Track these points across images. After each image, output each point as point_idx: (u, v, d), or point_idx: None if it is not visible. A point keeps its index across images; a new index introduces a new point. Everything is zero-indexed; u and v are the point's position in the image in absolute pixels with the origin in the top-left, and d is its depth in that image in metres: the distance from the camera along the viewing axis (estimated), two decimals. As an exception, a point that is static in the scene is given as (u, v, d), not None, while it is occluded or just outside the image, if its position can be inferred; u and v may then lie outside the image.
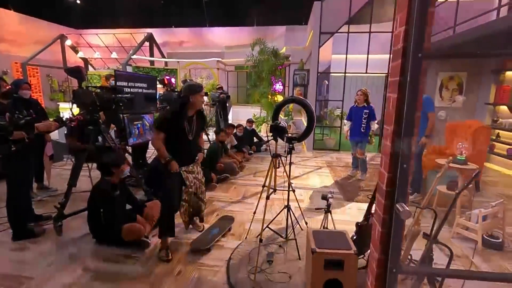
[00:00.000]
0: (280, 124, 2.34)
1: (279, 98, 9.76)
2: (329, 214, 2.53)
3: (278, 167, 2.50)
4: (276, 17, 13.15)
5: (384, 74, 6.96)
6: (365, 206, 3.70)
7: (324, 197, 2.48)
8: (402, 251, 2.20)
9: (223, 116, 7.32)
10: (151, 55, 12.69)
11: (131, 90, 3.85)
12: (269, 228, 2.84)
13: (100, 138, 3.13)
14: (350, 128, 4.87)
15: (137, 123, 4.05)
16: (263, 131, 9.00)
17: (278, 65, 9.49)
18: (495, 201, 2.93)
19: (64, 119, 2.89)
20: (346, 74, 6.81)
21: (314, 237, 2.00)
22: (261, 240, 2.40)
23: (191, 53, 13.40)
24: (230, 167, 4.86)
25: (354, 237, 2.31)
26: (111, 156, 2.71)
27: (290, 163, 2.66)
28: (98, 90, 3.01)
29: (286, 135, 2.36)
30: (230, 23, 14.39)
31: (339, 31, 6.72)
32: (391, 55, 1.33)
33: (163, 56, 13.36)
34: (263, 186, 2.64)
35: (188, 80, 5.56)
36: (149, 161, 4.49)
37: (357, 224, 2.33)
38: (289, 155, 2.62)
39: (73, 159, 4.14)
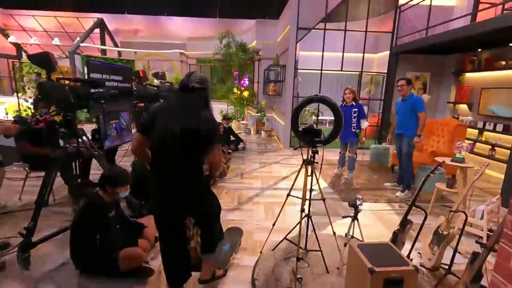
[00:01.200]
0: (315, 127, 2.09)
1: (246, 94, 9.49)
2: (356, 221, 2.38)
3: (310, 175, 2.24)
4: (240, 10, 12.77)
5: (358, 72, 7.13)
6: (366, 206, 3.68)
7: (353, 205, 2.31)
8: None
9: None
10: (103, 43, 11.34)
11: (107, 84, 3.23)
12: (287, 240, 2.60)
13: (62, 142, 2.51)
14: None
15: (113, 122, 3.44)
16: (234, 129, 8.66)
17: (248, 60, 9.18)
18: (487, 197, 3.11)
19: (28, 120, 2.25)
20: (317, 71, 6.83)
21: (363, 252, 1.81)
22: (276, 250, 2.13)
23: (149, 43, 12.31)
24: (221, 170, 4.47)
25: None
26: (121, 175, 2.18)
27: (313, 164, 2.43)
28: (72, 83, 2.40)
29: (320, 138, 2.11)
30: (190, 13, 13.57)
31: (316, 27, 6.67)
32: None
33: (116, 45, 12.06)
34: (288, 195, 2.38)
35: (160, 73, 4.95)
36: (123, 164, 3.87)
37: (394, 232, 2.20)
38: (313, 159, 2.39)
39: (27, 168, 3.36)
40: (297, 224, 2.58)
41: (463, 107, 6.26)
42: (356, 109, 4.62)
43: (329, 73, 6.92)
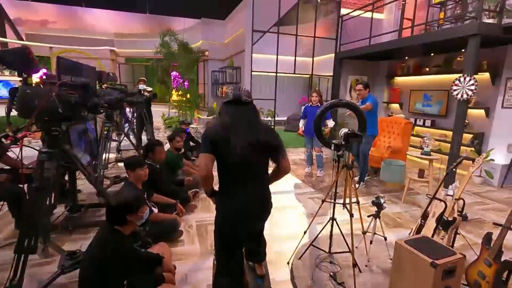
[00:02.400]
0: (356, 131, 2.11)
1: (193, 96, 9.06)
2: (378, 219, 2.51)
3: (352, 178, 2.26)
4: (174, 7, 12.05)
5: (308, 75, 7.57)
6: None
7: (378, 203, 2.43)
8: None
9: (149, 118, 6.18)
10: (3, 35, 9.14)
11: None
12: (313, 246, 2.57)
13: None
14: (305, 126, 5.08)
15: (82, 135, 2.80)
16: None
17: (195, 60, 8.75)
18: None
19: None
20: (272, 74, 7.01)
21: (417, 248, 1.93)
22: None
23: (66, 38, 10.53)
24: (198, 180, 4.11)
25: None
26: (136, 194, 1.75)
27: (351, 169, 2.47)
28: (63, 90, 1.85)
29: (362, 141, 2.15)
30: (115, 5, 12.13)
31: (270, 31, 6.79)
32: None
33: (20, 38, 9.92)
34: (323, 200, 2.35)
35: (111, 74, 4.27)
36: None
37: (420, 225, 2.41)
38: (338, 164, 2.42)
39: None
40: (322, 229, 2.59)
41: (396, 106, 7.30)
42: None
43: (279, 75, 7.14)
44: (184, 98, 9.31)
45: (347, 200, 2.37)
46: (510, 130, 4.80)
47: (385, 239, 2.61)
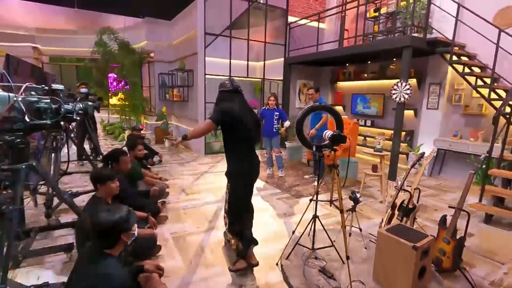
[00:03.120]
0: (341, 133, 2.25)
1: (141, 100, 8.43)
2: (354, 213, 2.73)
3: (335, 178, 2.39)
4: (109, 3, 11.04)
5: (261, 79, 7.75)
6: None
7: (355, 198, 2.64)
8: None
9: (94, 125, 5.59)
10: None
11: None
12: (300, 245, 2.66)
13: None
14: (264, 128, 5.22)
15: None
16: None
17: (140, 61, 8.16)
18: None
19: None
20: (215, 77, 7.00)
21: (397, 235, 2.16)
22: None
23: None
24: (163, 189, 3.86)
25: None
26: (123, 210, 1.55)
27: (337, 168, 2.61)
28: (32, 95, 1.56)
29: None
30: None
31: (222, 34, 6.77)
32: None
33: None
34: (311, 200, 2.43)
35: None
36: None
37: (391, 217, 2.68)
38: (319, 164, 2.56)
39: None
40: (307, 226, 2.70)
41: (340, 108, 7.99)
42: (278, 113, 5.15)
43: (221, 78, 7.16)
44: (126, 103, 8.59)
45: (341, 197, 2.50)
46: (434, 128, 5.71)
47: (361, 230, 2.85)
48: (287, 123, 5.25)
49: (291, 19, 7.62)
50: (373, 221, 3.50)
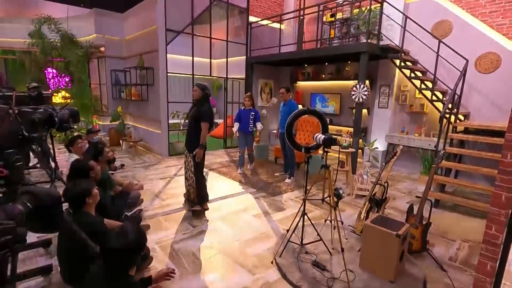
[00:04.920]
0: (332, 136, 2.42)
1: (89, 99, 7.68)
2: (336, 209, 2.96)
3: (327, 178, 2.56)
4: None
5: (224, 78, 7.70)
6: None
7: (338, 194, 2.86)
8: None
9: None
10: None
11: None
12: (291, 242, 2.79)
13: None
14: (240, 126, 5.36)
15: None
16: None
17: (87, 56, 7.42)
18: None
19: None
20: (188, 75, 6.85)
21: (381, 226, 2.43)
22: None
23: None
24: (138, 196, 3.64)
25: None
26: (135, 226, 1.48)
27: (328, 168, 2.76)
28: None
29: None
30: None
31: (184, 31, 6.54)
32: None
33: None
34: (304, 199, 2.56)
35: None
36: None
37: (369, 210, 2.97)
38: (307, 165, 2.72)
39: None
40: (297, 224, 2.84)
41: (300, 107, 8.37)
42: (253, 113, 5.38)
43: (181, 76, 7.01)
44: (69, 101, 7.75)
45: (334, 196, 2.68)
46: (384, 125, 6.38)
47: (342, 223, 3.11)
48: (259, 126, 5.43)
49: (251, 18, 7.70)
50: (346, 213, 3.82)
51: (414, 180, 5.35)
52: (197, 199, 3.65)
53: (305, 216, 2.79)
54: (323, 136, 2.44)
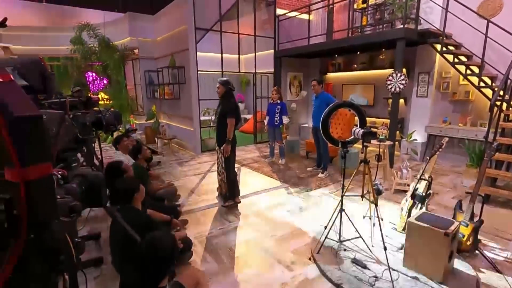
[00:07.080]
0: (371, 130, 2.32)
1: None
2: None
3: (367, 174, 2.47)
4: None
5: (252, 73, 7.69)
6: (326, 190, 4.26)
7: (378, 190, 2.75)
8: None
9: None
10: None
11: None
12: (328, 238, 2.74)
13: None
14: (268, 120, 5.61)
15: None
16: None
17: (125, 59, 7.80)
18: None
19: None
20: (218, 73, 6.91)
21: (427, 223, 2.29)
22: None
23: None
24: (172, 192, 3.78)
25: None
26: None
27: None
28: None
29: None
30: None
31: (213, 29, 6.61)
32: None
33: None
34: (342, 196, 2.50)
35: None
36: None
37: (412, 206, 2.83)
38: (344, 160, 2.63)
39: None
40: (335, 220, 2.78)
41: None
42: (280, 107, 5.44)
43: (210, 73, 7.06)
44: (109, 102, 8.23)
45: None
46: (423, 115, 5.99)
47: (382, 220, 2.98)
48: (285, 120, 5.42)
49: (279, 11, 7.57)
50: (384, 208, 3.66)
51: (458, 174, 4.99)
52: (228, 193, 3.73)
53: (343, 212, 2.72)
54: (362, 130, 2.34)
